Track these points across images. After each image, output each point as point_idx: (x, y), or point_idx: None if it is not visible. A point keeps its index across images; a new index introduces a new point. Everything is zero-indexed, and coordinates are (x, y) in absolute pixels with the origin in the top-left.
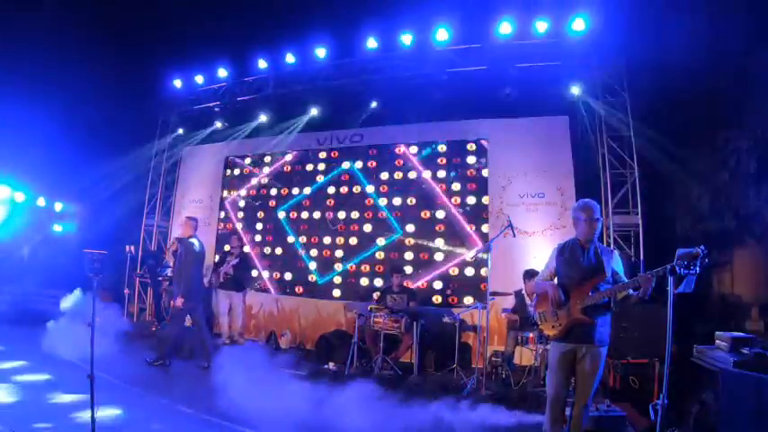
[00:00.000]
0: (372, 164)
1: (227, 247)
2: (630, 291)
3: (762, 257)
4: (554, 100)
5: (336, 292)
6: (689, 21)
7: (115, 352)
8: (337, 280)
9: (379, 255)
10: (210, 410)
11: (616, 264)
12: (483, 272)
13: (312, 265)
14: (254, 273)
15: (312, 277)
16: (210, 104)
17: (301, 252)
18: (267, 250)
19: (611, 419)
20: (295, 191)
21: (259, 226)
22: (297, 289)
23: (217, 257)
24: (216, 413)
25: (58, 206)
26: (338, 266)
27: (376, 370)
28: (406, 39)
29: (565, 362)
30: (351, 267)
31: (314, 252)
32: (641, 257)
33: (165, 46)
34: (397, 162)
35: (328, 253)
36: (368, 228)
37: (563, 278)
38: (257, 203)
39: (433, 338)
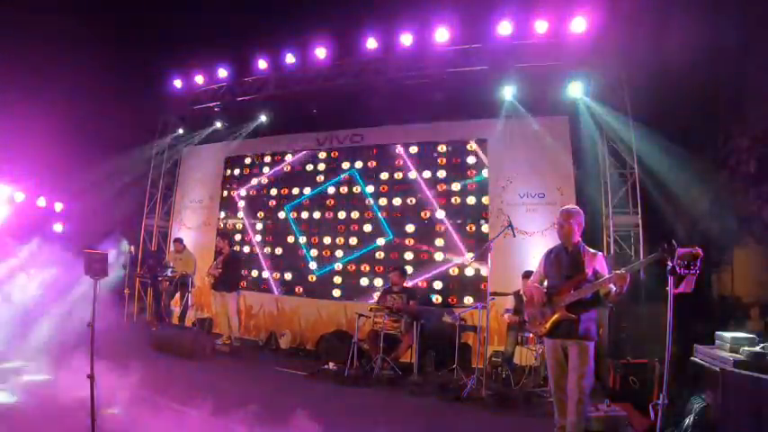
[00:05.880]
0: (372, 164)
1: (216, 248)
2: (612, 287)
3: (762, 257)
4: (554, 100)
5: (336, 292)
6: (688, 20)
7: None
8: (337, 279)
9: (379, 254)
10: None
11: (598, 264)
12: (483, 272)
13: (313, 266)
14: (255, 273)
15: (312, 277)
16: (210, 104)
17: (302, 252)
18: (267, 250)
19: (611, 419)
20: (295, 191)
21: (259, 226)
22: (297, 289)
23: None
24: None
25: (59, 206)
26: (338, 266)
27: (376, 370)
28: (406, 39)
29: (556, 356)
30: (350, 267)
31: (314, 252)
32: (641, 257)
33: (165, 46)
34: (396, 162)
35: (328, 252)
36: (367, 228)
37: (550, 279)
38: (257, 204)
39: (433, 338)
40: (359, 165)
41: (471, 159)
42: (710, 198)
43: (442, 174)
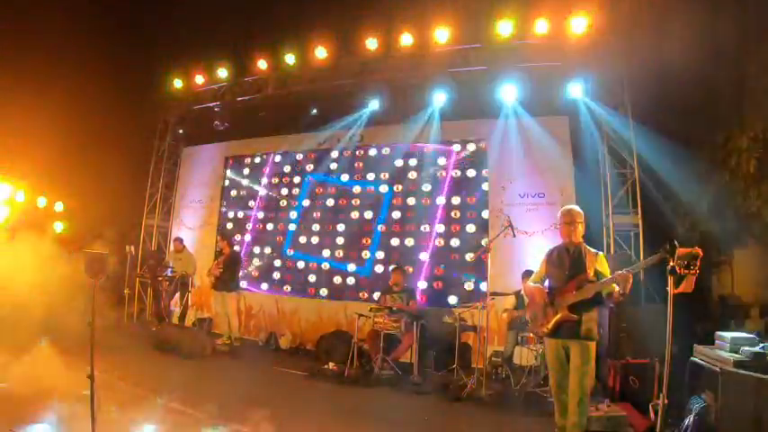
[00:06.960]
0: (372, 164)
1: (216, 248)
2: (615, 286)
3: (762, 257)
4: (554, 100)
5: (336, 293)
6: (688, 20)
7: None
8: (337, 280)
9: (379, 254)
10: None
11: (600, 264)
12: (483, 272)
13: (312, 265)
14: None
15: (311, 277)
16: (210, 104)
17: (300, 252)
18: (267, 250)
19: (612, 419)
20: (295, 191)
21: (258, 226)
22: (296, 289)
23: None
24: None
25: (59, 206)
26: (340, 267)
27: (376, 370)
28: (406, 39)
29: (557, 356)
30: (350, 267)
31: (313, 252)
32: (641, 257)
33: (165, 46)
34: (397, 162)
35: (328, 253)
36: (367, 228)
37: (551, 279)
38: (257, 204)
39: (433, 338)
40: (359, 165)
41: (471, 159)
42: (710, 198)
43: (442, 174)
